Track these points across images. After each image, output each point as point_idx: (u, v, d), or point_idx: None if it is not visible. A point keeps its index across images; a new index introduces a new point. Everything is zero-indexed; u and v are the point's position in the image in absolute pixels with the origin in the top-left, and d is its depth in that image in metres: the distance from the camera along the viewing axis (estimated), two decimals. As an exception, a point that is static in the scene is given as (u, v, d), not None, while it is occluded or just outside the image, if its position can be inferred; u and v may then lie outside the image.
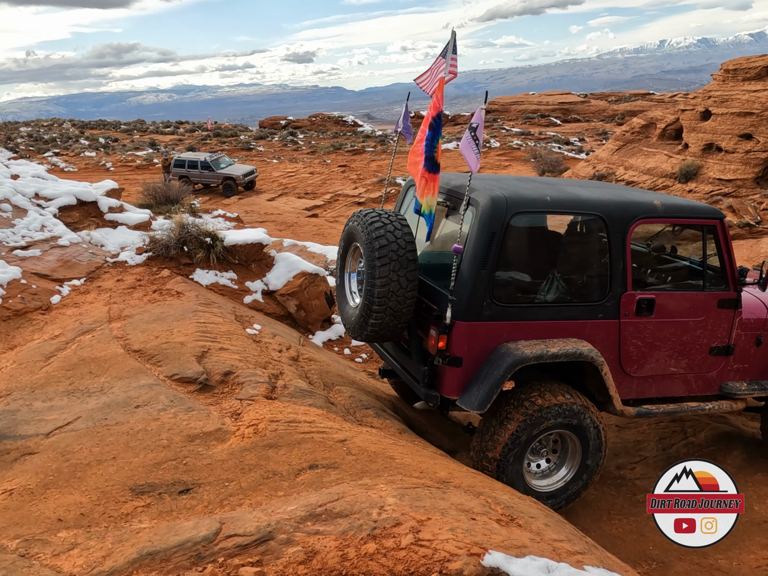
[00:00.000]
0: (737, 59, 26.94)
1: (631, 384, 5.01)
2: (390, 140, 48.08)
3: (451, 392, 4.59)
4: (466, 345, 4.52)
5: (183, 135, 56.45)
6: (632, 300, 4.80)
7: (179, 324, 5.57)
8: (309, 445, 3.70)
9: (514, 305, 4.64)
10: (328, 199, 27.24)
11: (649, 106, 49.15)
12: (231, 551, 2.63)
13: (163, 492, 3.26)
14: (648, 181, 26.05)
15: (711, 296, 5.05)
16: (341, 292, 5.31)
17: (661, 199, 5.12)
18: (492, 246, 4.45)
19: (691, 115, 26.69)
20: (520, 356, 4.42)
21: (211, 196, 28.00)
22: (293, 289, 7.52)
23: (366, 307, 4.62)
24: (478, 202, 4.55)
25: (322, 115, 67.23)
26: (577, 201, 4.86)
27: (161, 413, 4.07)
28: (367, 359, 7.48)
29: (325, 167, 35.52)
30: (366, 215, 4.73)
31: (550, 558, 2.70)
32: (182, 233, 7.33)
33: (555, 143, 43.19)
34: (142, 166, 35.78)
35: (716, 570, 4.58)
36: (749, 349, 5.33)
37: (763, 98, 23.96)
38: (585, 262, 4.98)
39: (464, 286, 4.46)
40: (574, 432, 4.68)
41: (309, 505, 2.92)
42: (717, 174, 24.43)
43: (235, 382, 4.67)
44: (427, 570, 2.49)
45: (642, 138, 30.25)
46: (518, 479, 4.58)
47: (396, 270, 4.49)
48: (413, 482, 3.30)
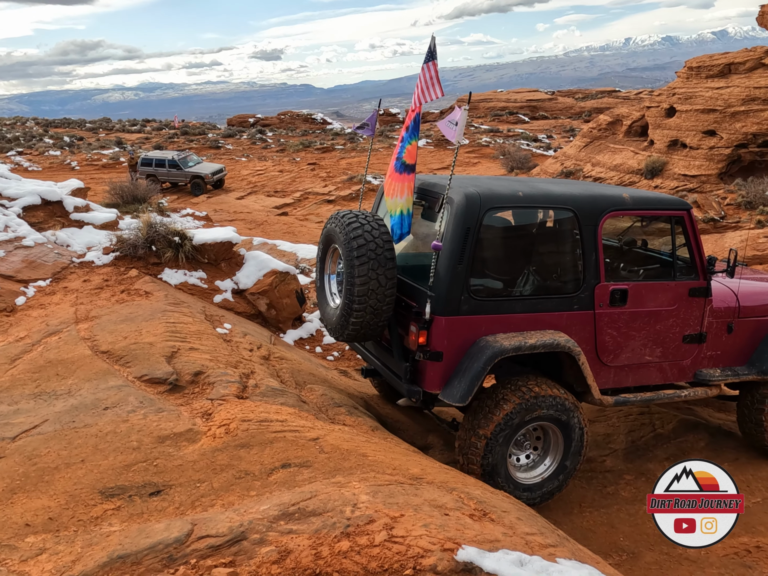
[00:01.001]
0: (700, 57, 27.39)
1: (608, 374, 5.12)
2: (360, 138, 48.04)
3: (433, 386, 4.67)
4: (446, 339, 4.59)
5: (150, 133, 55.82)
6: (606, 291, 4.91)
7: (148, 324, 5.51)
8: (281, 444, 3.69)
9: (492, 299, 4.74)
10: (297, 197, 27.14)
11: (616, 103, 49.76)
12: (203, 552, 2.60)
13: (133, 494, 3.22)
14: (615, 178, 26.37)
15: (682, 285, 5.18)
16: (321, 294, 5.37)
17: (630, 192, 5.24)
18: (467, 241, 4.54)
19: (656, 112, 27.07)
20: (499, 348, 4.50)
21: (179, 194, 27.74)
22: (264, 287, 7.47)
23: (346, 306, 4.68)
24: (452, 199, 4.64)
25: (291, 113, 67.00)
26: (549, 196, 4.95)
27: (130, 415, 4.02)
28: (339, 357, 7.47)
29: (294, 165, 35.38)
30: (343, 216, 4.80)
31: (523, 551, 2.72)
32: (150, 232, 7.24)
33: (523, 140, 43.53)
34: (108, 164, 35.32)
35: (685, 559, 4.65)
36: (721, 337, 5.47)
37: (725, 95, 24.38)
38: (559, 255, 5.09)
39: (442, 282, 4.55)
40: (560, 428, 4.77)
41: (282, 505, 2.91)
42: (682, 170, 24.82)
43: (205, 382, 4.63)
44: (400, 566, 2.49)
45: (609, 135, 30.62)
46: (502, 462, 4.67)
47: (375, 269, 4.56)
48: (386, 479, 3.30)
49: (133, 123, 66.28)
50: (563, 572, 2.63)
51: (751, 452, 5.83)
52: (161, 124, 63.95)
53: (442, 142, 42.07)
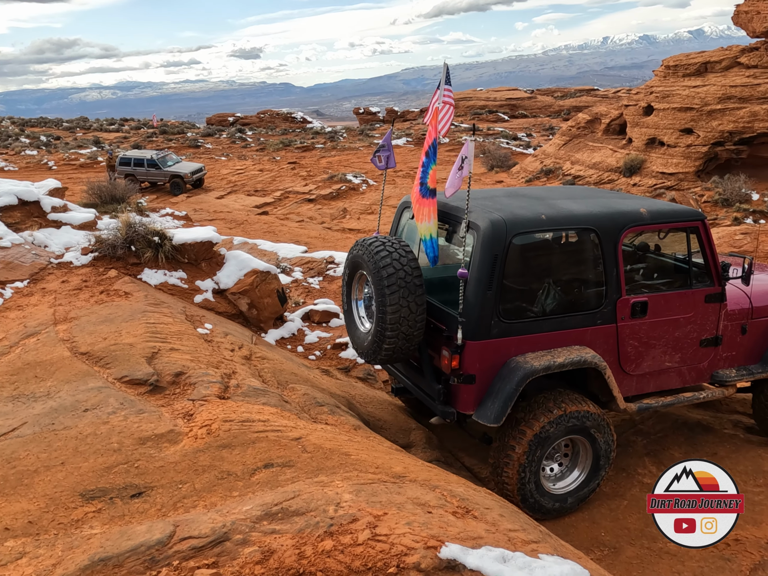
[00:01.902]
0: (677, 56, 27.68)
1: (630, 382, 5.29)
2: (340, 136, 47.97)
3: (467, 408, 4.84)
4: (478, 363, 4.75)
5: (128, 132, 55.35)
6: (627, 304, 5.07)
7: (128, 325, 5.47)
8: (263, 444, 3.68)
9: (520, 321, 4.88)
10: (278, 196, 27.04)
11: (594, 101, 50.13)
12: (186, 554, 2.59)
13: (114, 496, 3.19)
14: (594, 176, 26.56)
15: (698, 292, 5.35)
16: (350, 319, 5.51)
17: (646, 205, 5.36)
18: (495, 268, 4.67)
19: (634, 111, 27.30)
20: (530, 369, 4.66)
21: (158, 194, 27.53)
22: (244, 287, 7.44)
23: (379, 333, 4.82)
24: (478, 225, 4.75)
25: (270, 112, 66.76)
26: (570, 217, 5.07)
27: (111, 416, 3.98)
28: (321, 356, 7.46)
29: (274, 164, 35.25)
30: (370, 244, 4.92)
31: (506, 548, 2.73)
32: (129, 232, 7.18)
33: (503, 138, 43.69)
34: (86, 164, 34.95)
35: (665, 553, 4.70)
36: (736, 338, 5.65)
37: (702, 93, 24.64)
38: (581, 272, 5.24)
39: (472, 307, 4.68)
40: (589, 440, 4.97)
41: (264, 505, 2.90)
42: (660, 168, 25.05)
43: (186, 383, 4.60)
44: (384, 565, 2.50)
45: (587, 133, 30.85)
46: (535, 476, 4.86)
47: (405, 296, 4.69)
48: (369, 478, 3.30)
49: (111, 122, 65.69)
50: (546, 568, 2.65)
51: (728, 447, 5.91)
52: (139, 123, 63.45)
53: (421, 141, 42.10)
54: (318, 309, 8.40)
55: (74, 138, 50.50)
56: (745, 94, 23.64)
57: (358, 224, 21.74)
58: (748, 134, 23.36)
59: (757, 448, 5.86)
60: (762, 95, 23.29)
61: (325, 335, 7.87)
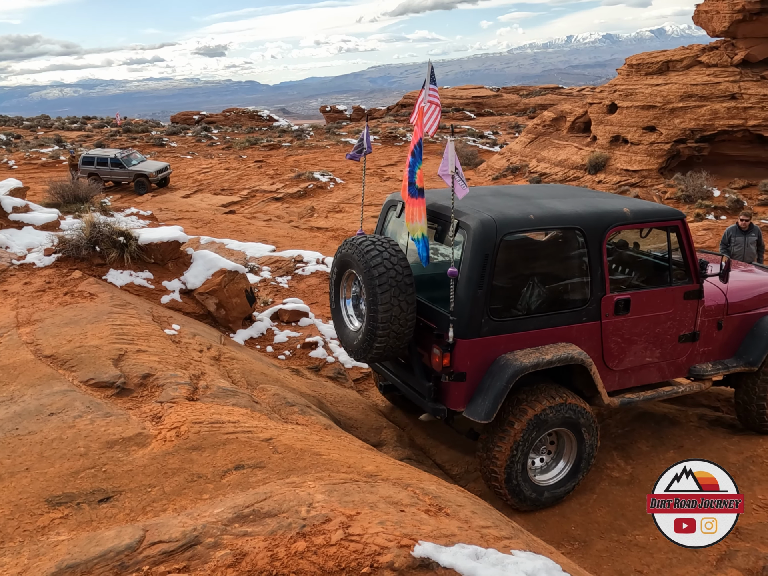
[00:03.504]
0: (640, 54, 28.08)
1: (613, 377, 5.43)
2: (307, 135, 47.79)
3: (458, 405, 4.93)
4: (469, 360, 4.84)
5: (91, 131, 54.48)
6: (611, 301, 5.20)
7: (93, 327, 5.37)
8: (234, 445, 3.64)
9: (509, 319, 4.99)
10: (245, 195, 26.82)
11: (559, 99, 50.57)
12: (156, 558, 2.55)
13: (81, 502, 3.13)
14: (560, 173, 26.82)
15: (678, 290, 5.51)
16: (338, 317, 5.54)
17: (629, 205, 5.52)
18: (486, 267, 4.77)
19: (598, 109, 27.62)
20: (519, 366, 4.77)
21: (122, 194, 27.15)
22: (212, 287, 7.36)
23: (370, 332, 4.89)
24: (468, 225, 4.84)
25: (236, 110, 66.21)
26: (557, 216, 5.19)
27: (77, 420, 3.91)
28: (290, 356, 7.41)
29: (241, 163, 34.98)
30: (360, 243, 4.97)
31: (479, 545, 2.75)
32: (93, 233, 7.06)
33: (470, 136, 43.91)
34: (47, 163, 34.29)
35: (634, 546, 4.77)
36: (712, 333, 5.83)
37: (664, 92, 25.03)
38: (568, 271, 5.37)
39: (463, 306, 4.75)
40: (574, 432, 5.10)
41: (236, 507, 2.87)
42: (624, 165, 25.38)
43: (154, 385, 4.54)
44: (358, 565, 2.49)
45: (553, 131, 31.14)
46: (523, 468, 5.00)
47: (396, 295, 4.77)
48: (341, 477, 3.29)
49: (73, 120, 64.55)
50: (518, 563, 2.67)
51: (694, 439, 6.01)
52: (102, 122, 62.52)
53: (389, 139, 42.14)
54: (287, 308, 8.35)
55: (35, 137, 49.56)
56: (705, 93, 24.07)
57: (326, 223, 21.67)
58: (709, 132, 23.79)
59: (721, 441, 5.98)
60: (722, 93, 23.74)
61: (294, 335, 7.83)
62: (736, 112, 23.26)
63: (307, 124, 62.92)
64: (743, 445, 5.85)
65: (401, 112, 61.68)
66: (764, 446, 5.77)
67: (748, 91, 23.41)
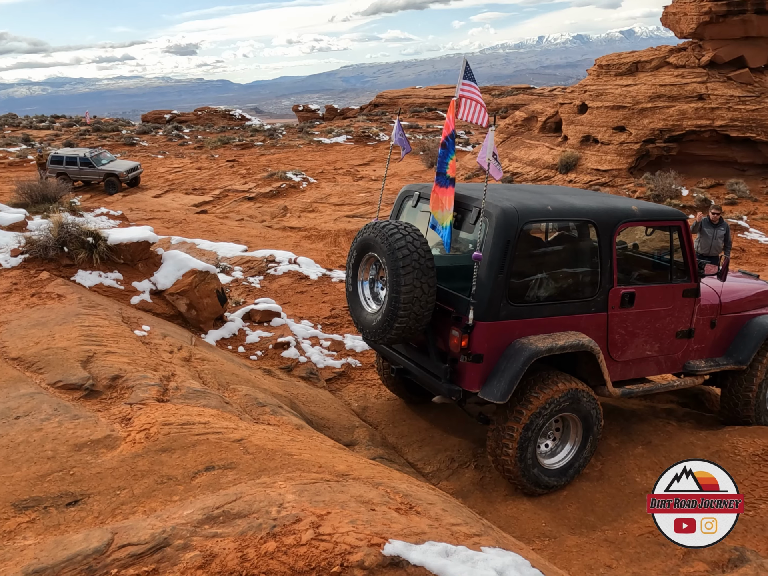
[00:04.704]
0: (609, 55, 28.37)
1: (616, 368, 5.67)
2: (280, 134, 47.60)
3: (473, 386, 5.10)
4: (486, 343, 5.03)
5: (60, 130, 53.72)
6: (618, 294, 5.45)
7: (61, 328, 5.31)
8: (204, 446, 3.62)
9: (525, 305, 5.20)
10: (217, 194, 26.61)
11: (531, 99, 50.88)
12: (125, 561, 2.53)
13: (49, 505, 3.10)
14: (531, 173, 27.01)
15: (677, 287, 5.79)
16: (355, 300, 5.65)
17: (638, 204, 5.85)
18: (507, 253, 4.98)
19: (569, 109, 27.86)
20: (535, 350, 4.98)
21: (92, 193, 26.80)
22: (183, 287, 7.31)
23: (391, 312, 5.03)
24: (490, 213, 5.05)
25: (208, 109, 65.70)
26: (572, 209, 5.50)
27: (44, 423, 3.86)
28: (262, 356, 7.39)
29: (213, 162, 34.72)
30: (384, 227, 5.14)
31: (449, 542, 2.77)
32: (62, 233, 6.97)
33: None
34: (15, 163, 33.76)
35: (604, 541, 4.83)
36: (705, 331, 6.12)
37: (633, 92, 25.32)
38: (580, 262, 5.63)
39: (484, 289, 4.96)
40: (580, 417, 5.33)
41: (206, 508, 2.86)
42: (595, 165, 25.63)
43: (124, 387, 4.50)
44: (328, 564, 2.49)
45: (525, 131, 31.33)
46: (533, 451, 5.19)
47: (419, 277, 4.94)
48: (312, 477, 3.29)
49: (42, 119, 63.57)
50: (488, 560, 2.69)
51: (662, 435, 6.10)
52: (72, 121, 61.64)
53: (362, 138, 42.15)
54: (259, 308, 8.31)
55: (2, 136, 48.71)
56: (674, 93, 24.40)
57: (299, 222, 21.58)
58: (678, 132, 24.12)
59: (689, 436, 6.07)
60: (690, 94, 24.09)
61: (266, 335, 7.80)
62: (704, 113, 23.62)
63: (279, 124, 62.67)
64: (710, 440, 5.95)
65: (374, 112, 61.71)
66: (730, 441, 5.87)
67: (715, 91, 23.80)
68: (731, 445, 5.83)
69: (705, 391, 7.38)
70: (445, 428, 6.42)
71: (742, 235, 18.94)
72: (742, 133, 23.13)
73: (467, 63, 5.68)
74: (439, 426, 6.46)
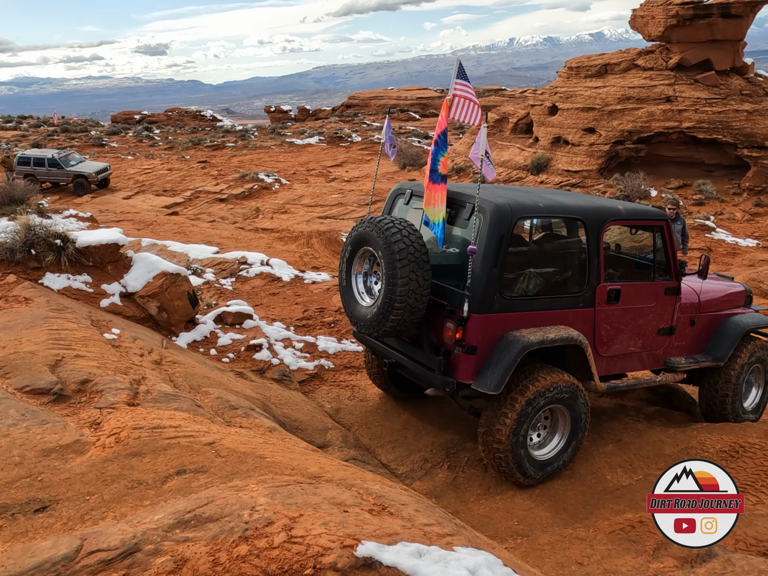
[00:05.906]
0: (579, 57, 28.68)
1: (601, 363, 5.83)
2: (251, 135, 47.35)
3: (467, 377, 5.23)
4: (480, 335, 5.16)
5: (27, 130, 52.82)
6: (604, 290, 5.62)
7: (29, 332, 5.22)
8: (175, 450, 3.59)
9: (518, 298, 5.36)
10: (188, 196, 26.40)
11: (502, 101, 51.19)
12: (94, 568, 2.50)
13: (16, 512, 3.05)
14: (503, 174, 27.18)
15: (660, 285, 5.98)
16: (348, 293, 5.73)
17: (623, 204, 6.11)
18: (501, 247, 5.11)
19: (540, 110, 28.10)
20: (527, 342, 5.12)
21: (61, 195, 26.43)
22: (153, 290, 7.24)
23: (386, 305, 5.14)
24: (484, 209, 5.18)
25: (179, 110, 65.13)
26: (563, 207, 5.74)
27: (11, 428, 3.79)
28: (234, 359, 7.34)
29: (184, 163, 34.43)
30: (380, 221, 5.26)
31: (421, 542, 2.77)
32: (29, 235, 6.86)
33: (415, 137, 44.15)
34: (-20, 164, 33.16)
35: (575, 539, 4.87)
36: (686, 329, 6.33)
37: (603, 94, 25.62)
38: (569, 258, 5.79)
39: (478, 283, 5.08)
40: (569, 409, 5.45)
41: (177, 512, 2.83)
42: (565, 166, 25.89)
43: (93, 391, 4.44)
44: (301, 566, 2.48)
45: (496, 132, 31.52)
46: (524, 442, 5.30)
47: (414, 270, 5.05)
48: (285, 480, 3.28)
49: (8, 119, 62.51)
50: (460, 560, 2.70)
51: (632, 433, 6.18)
52: (39, 121, 60.68)
53: (334, 139, 42.09)
54: (231, 310, 8.26)
55: (-33, 136, 47.86)
56: (642, 95, 24.75)
57: (271, 224, 21.49)
58: (646, 133, 24.47)
59: (658, 434, 6.16)
60: (658, 96, 24.45)
61: (238, 337, 7.76)
62: (672, 114, 23.99)
63: (251, 124, 62.32)
64: (678, 438, 6.04)
65: (346, 113, 61.63)
66: (698, 438, 5.96)
67: (683, 94, 24.18)
68: (699, 442, 5.93)
69: (675, 389, 7.49)
70: (418, 429, 6.43)
71: (710, 235, 19.27)
72: (709, 134, 23.53)
73: (461, 63, 5.79)
74: (413, 427, 6.48)
